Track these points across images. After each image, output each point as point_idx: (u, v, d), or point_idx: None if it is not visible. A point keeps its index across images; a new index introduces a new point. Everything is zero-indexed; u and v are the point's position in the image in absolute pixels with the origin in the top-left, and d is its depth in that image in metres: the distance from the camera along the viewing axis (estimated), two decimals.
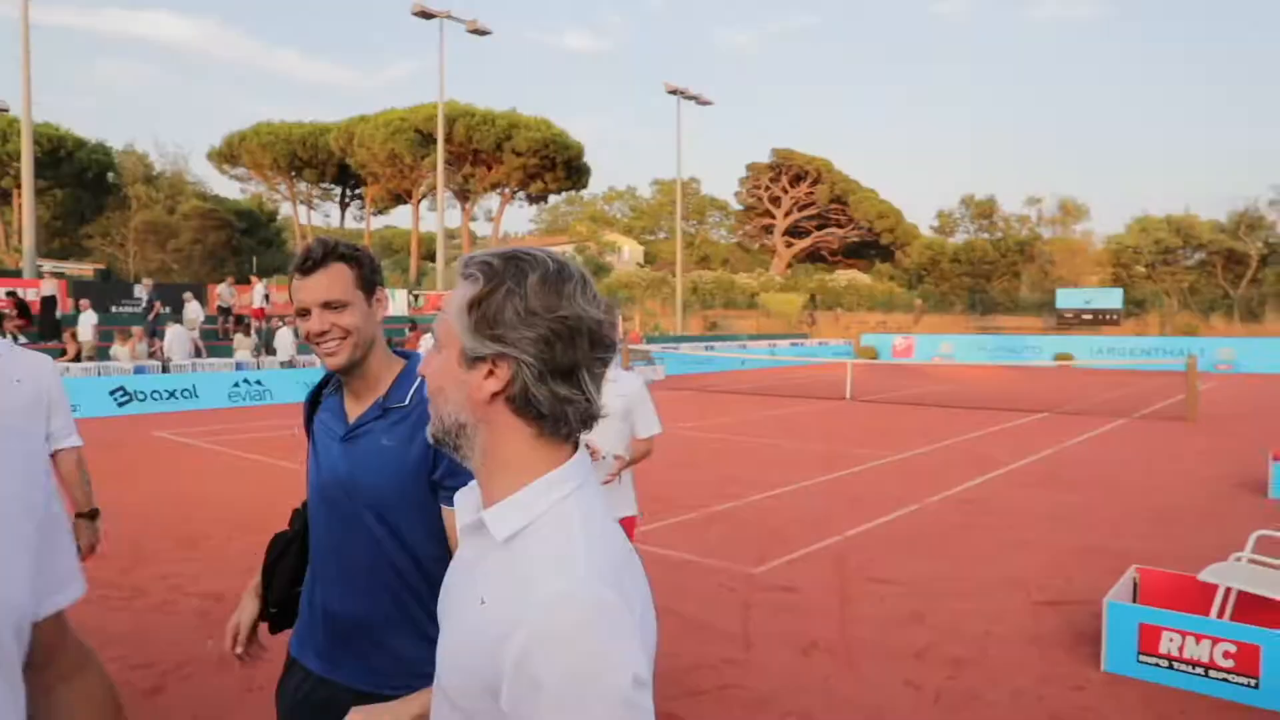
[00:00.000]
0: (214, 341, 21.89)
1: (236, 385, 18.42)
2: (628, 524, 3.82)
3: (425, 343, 21.20)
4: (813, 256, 64.76)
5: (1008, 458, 11.10)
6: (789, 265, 62.87)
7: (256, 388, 18.75)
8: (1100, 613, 4.49)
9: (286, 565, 2.06)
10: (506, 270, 1.05)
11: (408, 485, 1.87)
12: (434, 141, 36.53)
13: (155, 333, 19.93)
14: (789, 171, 62.45)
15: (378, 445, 1.91)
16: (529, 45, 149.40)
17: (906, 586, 5.77)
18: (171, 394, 17.07)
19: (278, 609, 2.04)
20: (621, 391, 3.91)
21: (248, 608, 2.04)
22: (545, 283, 1.04)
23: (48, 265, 33.82)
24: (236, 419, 15.78)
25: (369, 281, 1.94)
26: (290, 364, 20.28)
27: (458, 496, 1.19)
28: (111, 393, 16.15)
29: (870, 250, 62.88)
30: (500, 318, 1.03)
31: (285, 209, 57.62)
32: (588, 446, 3.07)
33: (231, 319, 22.94)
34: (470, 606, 1.04)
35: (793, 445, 12.37)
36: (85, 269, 40.02)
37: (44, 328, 20.14)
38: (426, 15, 31.55)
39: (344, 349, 1.89)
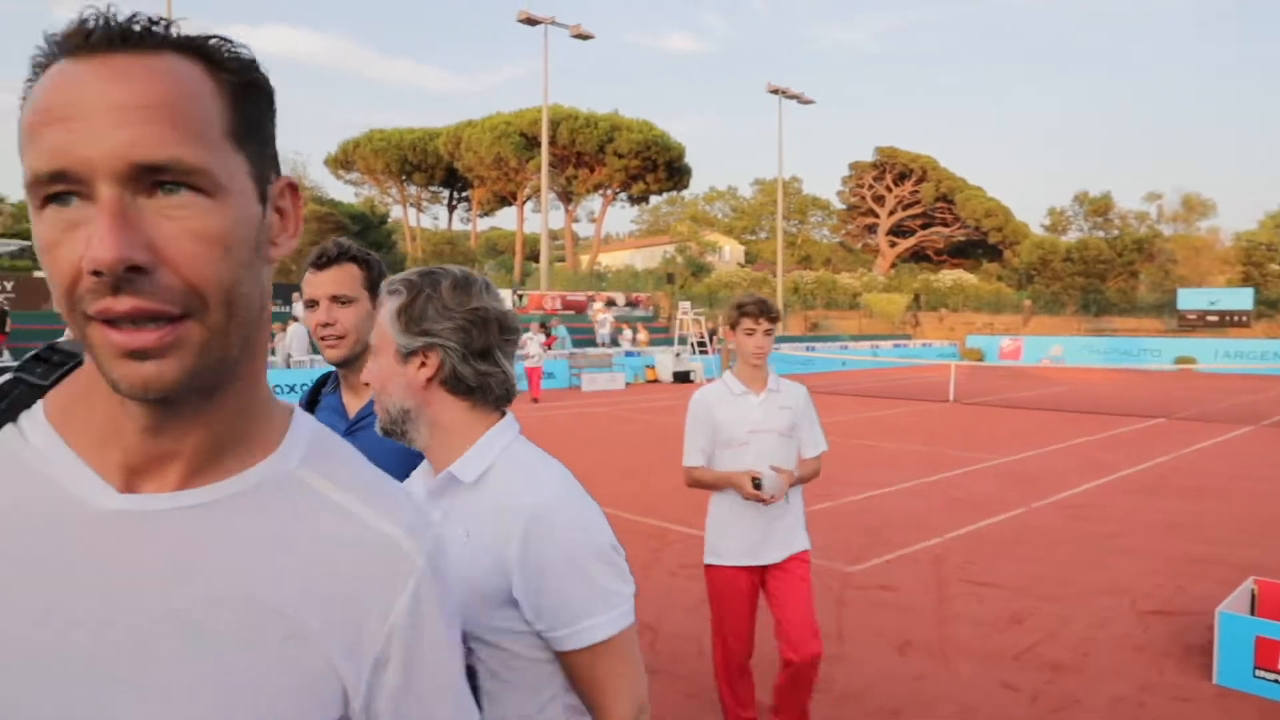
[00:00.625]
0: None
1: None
2: (801, 560, 3.38)
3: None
4: (917, 256, 63.27)
5: (1119, 463, 10.70)
6: (892, 265, 61.58)
7: None
8: (1213, 624, 4.36)
9: None
10: (424, 281, 1.31)
11: (409, 471, 1.99)
12: (538, 145, 37.31)
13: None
14: (893, 170, 61.17)
15: (379, 435, 2.02)
16: (631, 48, 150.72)
17: (1007, 589, 5.69)
18: (291, 388, 17.99)
19: None
20: (786, 403, 3.42)
21: None
22: (456, 286, 1.30)
23: None
24: None
25: (376, 285, 2.06)
26: None
27: (409, 482, 1.43)
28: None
29: (977, 249, 61.02)
30: (424, 316, 1.29)
31: (396, 212, 59.73)
32: (762, 499, 3.16)
33: None
34: (455, 545, 1.22)
35: (893, 446, 12.22)
36: None
37: None
38: (532, 22, 32.23)
39: (344, 344, 2.01)
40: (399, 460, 1.97)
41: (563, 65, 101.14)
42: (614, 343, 27.46)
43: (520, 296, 31.90)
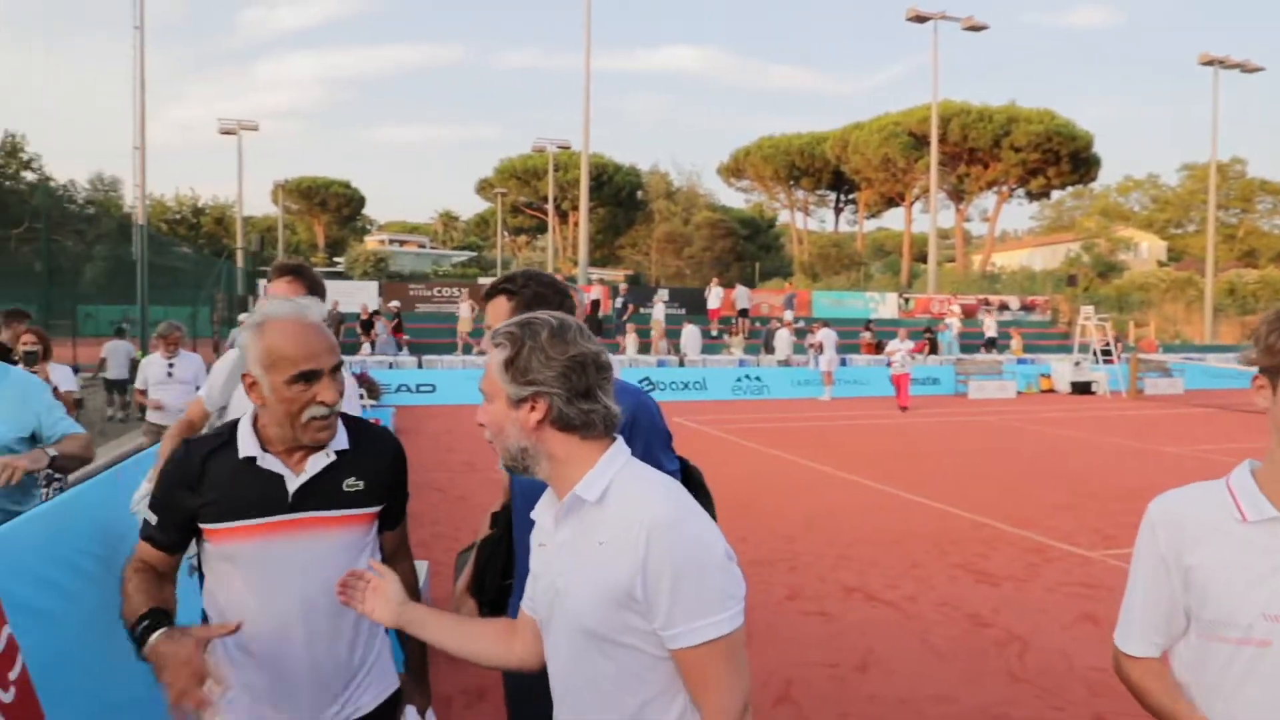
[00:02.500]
0: (712, 340, 24.48)
1: (739, 380, 20.55)
2: None
3: (889, 343, 21.45)
4: None
5: None
6: None
7: (756, 383, 20.74)
8: None
9: (496, 565, 2.34)
10: (525, 333, 1.47)
11: None
12: (927, 144, 36.38)
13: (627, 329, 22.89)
14: None
15: None
16: (1029, 31, 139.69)
17: None
18: (685, 385, 19.67)
19: (491, 606, 2.32)
20: None
21: (468, 605, 2.36)
22: (553, 336, 1.46)
23: (593, 274, 40.35)
24: (738, 410, 17.74)
25: (531, 309, 2.25)
26: (786, 362, 21.98)
27: (535, 513, 1.60)
28: (639, 381, 19.18)
29: None
30: (529, 367, 1.44)
31: (784, 216, 61.55)
32: None
33: (744, 319, 25.19)
34: (590, 553, 1.43)
35: None
36: (618, 275, 47.07)
37: (590, 327, 24.38)
38: (921, 19, 31.55)
39: None
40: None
41: (953, 59, 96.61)
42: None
43: (906, 300, 31.43)
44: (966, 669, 4.58)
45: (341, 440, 1.89)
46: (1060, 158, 45.79)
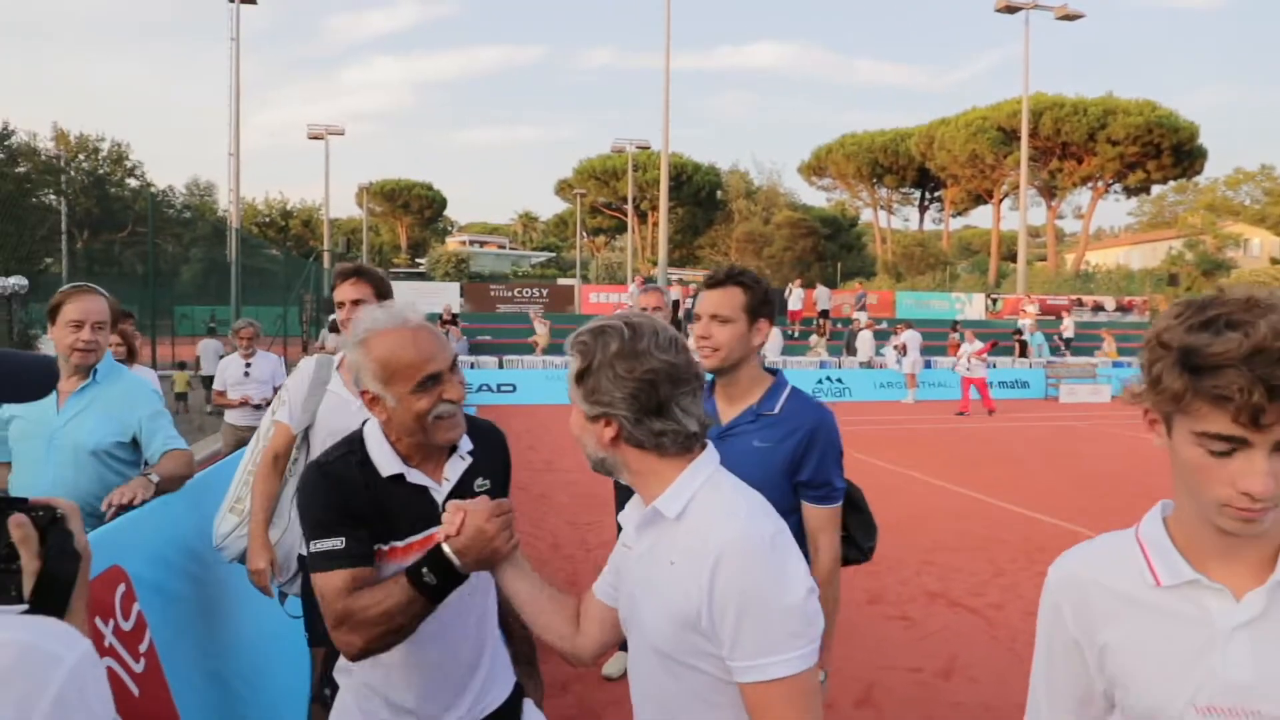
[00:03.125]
0: (791, 341, 24.21)
1: (820, 382, 20.30)
2: None
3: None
4: None
5: None
6: None
7: (837, 385, 20.47)
8: None
9: None
10: (595, 345, 1.41)
11: (774, 482, 2.19)
12: (1017, 139, 35.38)
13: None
14: None
15: (749, 446, 2.26)
16: (1128, 16, 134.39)
17: None
18: None
19: None
20: None
21: None
22: (622, 352, 1.38)
23: (672, 274, 40.38)
24: None
25: (756, 310, 2.32)
26: (868, 364, 21.62)
27: (623, 516, 1.53)
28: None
29: None
30: (599, 387, 1.39)
31: (866, 214, 60.52)
32: None
33: (825, 320, 24.86)
34: (662, 571, 1.38)
35: None
36: (697, 275, 46.95)
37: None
38: (1011, 9, 30.64)
39: (716, 356, 2.28)
40: (763, 467, 2.20)
41: (1045, 49, 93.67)
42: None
43: (994, 300, 30.60)
44: None
45: (467, 440, 1.87)
46: (1161, 151, 43.91)
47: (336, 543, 1.66)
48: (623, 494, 2.37)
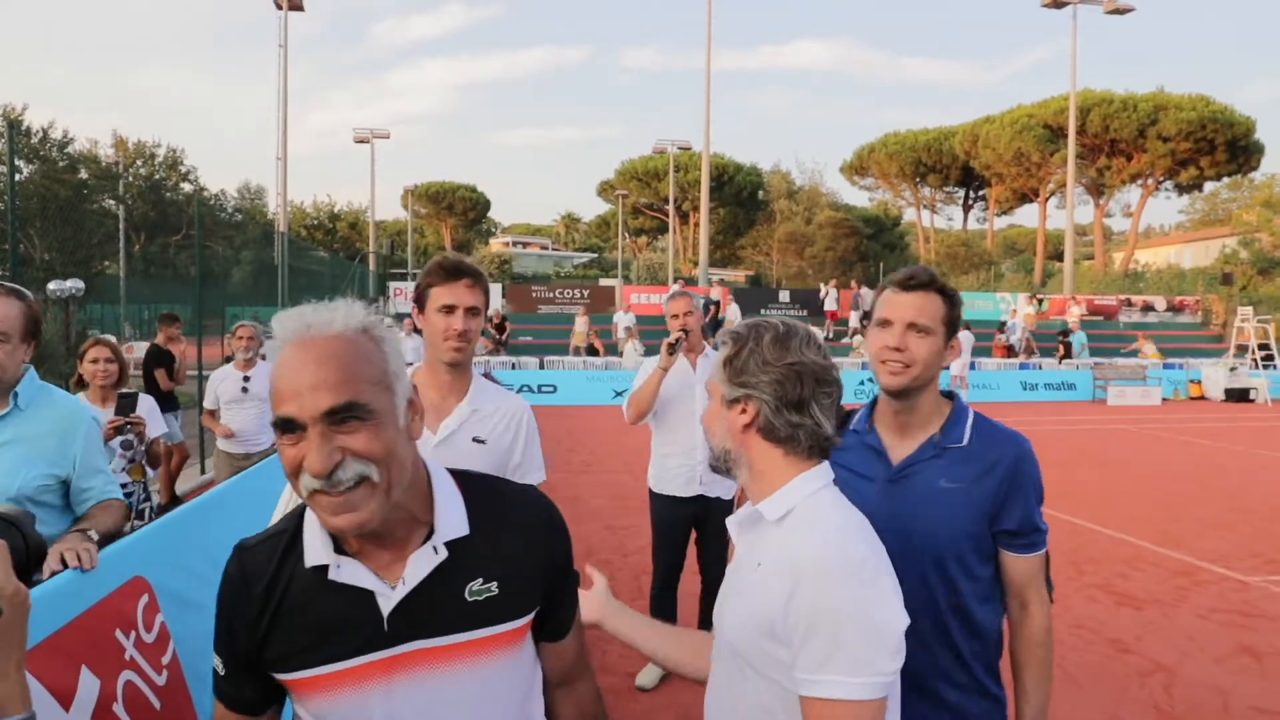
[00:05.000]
0: (831, 343, 24.01)
1: (861, 384, 20.09)
2: None
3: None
4: None
5: None
6: None
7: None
8: None
9: None
10: (749, 335, 1.44)
11: (969, 530, 1.84)
12: (1064, 136, 34.72)
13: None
14: None
15: (934, 487, 1.85)
16: (1179, 9, 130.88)
17: None
18: None
19: None
20: None
21: None
22: (776, 341, 1.42)
23: (714, 274, 40.24)
24: None
25: (954, 325, 1.90)
26: None
27: (730, 519, 1.49)
28: None
29: None
30: (746, 368, 1.42)
31: (909, 214, 59.78)
32: None
33: (869, 321, 24.62)
34: (750, 573, 1.39)
35: None
36: (739, 276, 46.79)
37: (710, 328, 24.34)
38: (1058, 4, 30.08)
39: (907, 373, 1.84)
40: (953, 512, 1.82)
41: (1093, 44, 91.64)
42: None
43: (1040, 301, 29.99)
44: (1106, 699, 4.33)
45: (455, 522, 1.27)
46: (1215, 146, 42.70)
47: (217, 664, 1.28)
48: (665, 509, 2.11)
